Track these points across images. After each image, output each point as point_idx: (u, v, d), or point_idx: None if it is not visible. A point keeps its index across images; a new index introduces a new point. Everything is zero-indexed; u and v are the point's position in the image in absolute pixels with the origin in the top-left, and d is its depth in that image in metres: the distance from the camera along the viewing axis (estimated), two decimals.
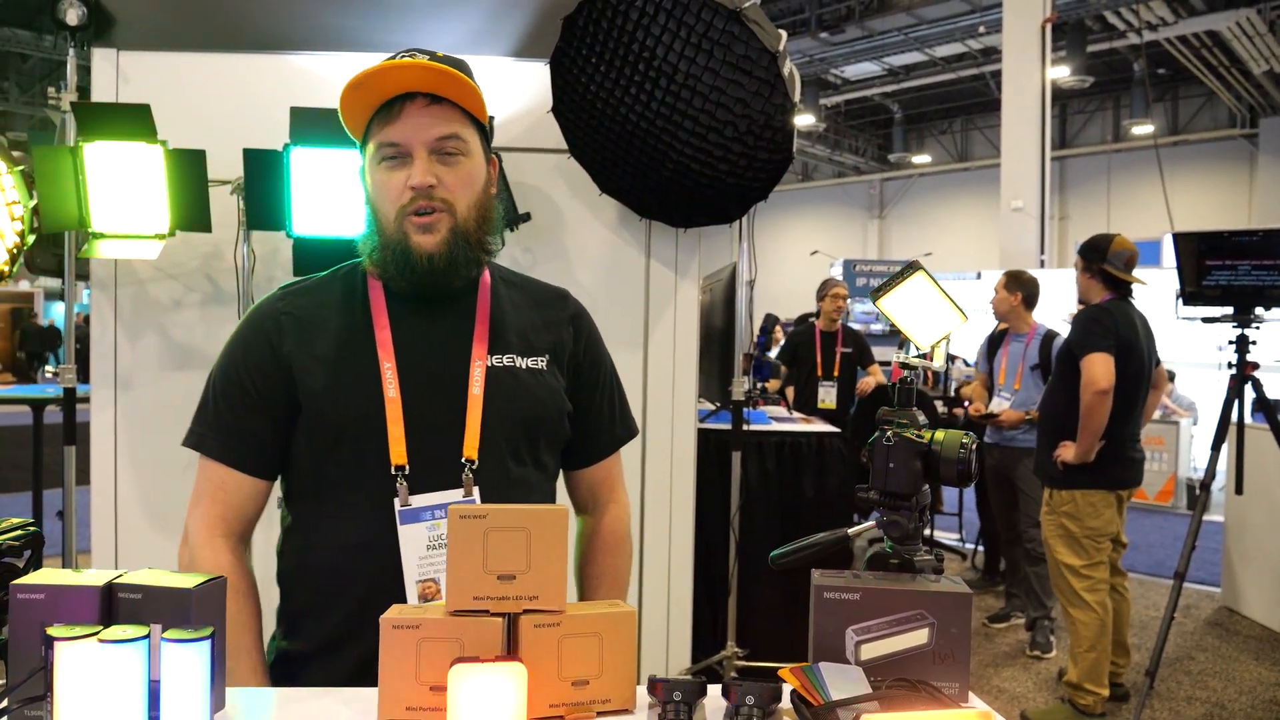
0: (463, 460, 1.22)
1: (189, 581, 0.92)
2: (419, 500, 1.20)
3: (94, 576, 0.93)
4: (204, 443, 1.27)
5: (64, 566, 3.15)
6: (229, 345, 1.29)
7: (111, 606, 0.93)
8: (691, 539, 3.27)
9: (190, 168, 2.74)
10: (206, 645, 0.85)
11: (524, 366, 1.30)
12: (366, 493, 1.21)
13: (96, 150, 2.69)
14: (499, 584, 0.95)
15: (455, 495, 1.22)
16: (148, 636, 0.85)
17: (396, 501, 1.20)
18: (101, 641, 0.82)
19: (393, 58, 1.22)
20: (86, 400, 3.19)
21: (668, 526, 3.25)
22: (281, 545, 1.33)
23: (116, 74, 3.06)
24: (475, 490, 1.22)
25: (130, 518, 3.13)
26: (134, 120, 2.69)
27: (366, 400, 1.21)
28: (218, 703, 0.95)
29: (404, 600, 1.19)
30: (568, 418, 1.35)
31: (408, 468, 1.20)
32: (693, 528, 3.26)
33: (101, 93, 3.05)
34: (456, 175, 1.23)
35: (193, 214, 2.77)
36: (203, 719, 0.85)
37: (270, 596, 1.36)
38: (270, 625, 1.35)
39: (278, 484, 1.34)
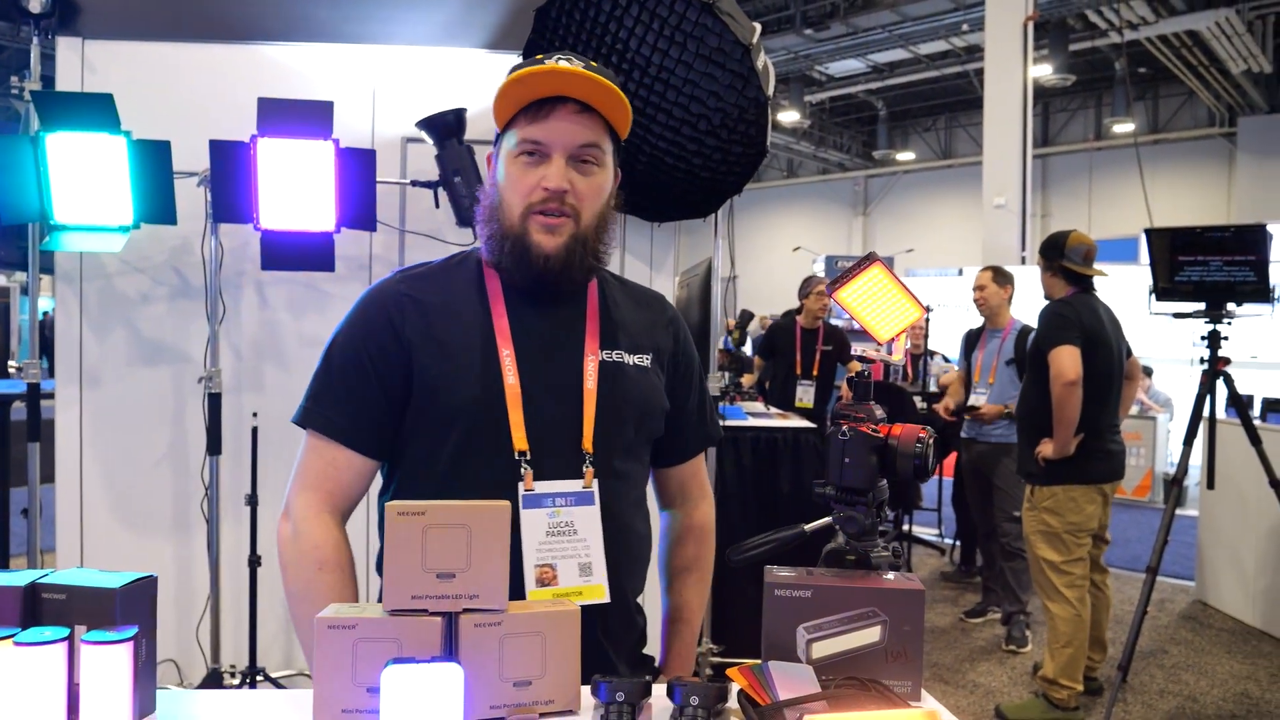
0: (582, 452, 1.24)
1: (114, 581, 0.90)
2: (542, 487, 1.22)
3: (16, 576, 0.90)
4: (318, 420, 1.25)
5: (29, 566, 3.12)
6: (348, 323, 1.28)
7: (36, 607, 0.90)
8: None
9: (154, 159, 2.70)
10: (128, 647, 0.82)
11: (631, 363, 1.32)
12: (486, 478, 1.21)
13: (58, 141, 2.65)
14: (438, 582, 0.93)
15: (577, 485, 1.24)
16: (68, 638, 0.82)
17: (521, 486, 1.21)
18: (17, 644, 0.79)
19: (554, 63, 1.22)
20: (51, 397, 3.14)
21: None
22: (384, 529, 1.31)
23: (81, 63, 3.01)
24: (595, 483, 1.24)
25: (96, 515, 3.09)
26: (97, 110, 2.64)
27: (487, 385, 1.22)
28: (145, 706, 0.92)
29: (521, 584, 1.19)
30: (668, 416, 1.38)
31: (529, 454, 1.22)
32: None
33: (66, 82, 3.00)
34: (589, 184, 1.25)
35: (157, 206, 2.73)
36: None
37: (372, 583, 1.31)
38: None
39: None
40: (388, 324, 1.25)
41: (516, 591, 1.18)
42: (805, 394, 5.41)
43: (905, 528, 5.72)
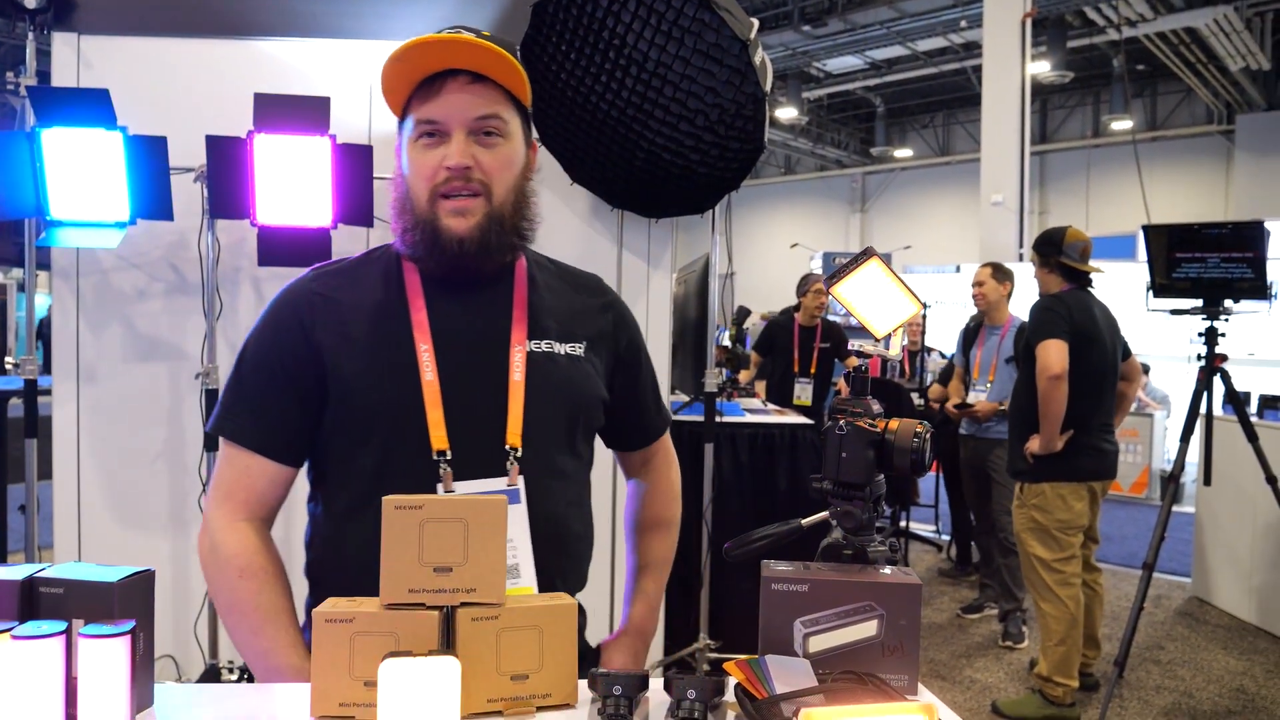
0: (506, 448, 1.19)
1: (112, 575, 0.90)
2: (463, 488, 1.17)
3: (14, 571, 0.90)
4: (230, 428, 1.21)
5: (27, 561, 3.10)
6: (258, 326, 1.24)
7: (33, 602, 0.90)
8: None
9: (151, 154, 2.69)
10: (125, 641, 0.82)
11: (562, 353, 1.27)
12: (404, 480, 1.15)
13: (54, 136, 2.64)
14: (435, 576, 0.93)
15: (500, 483, 1.18)
16: (65, 632, 0.82)
17: (440, 487, 1.17)
18: (14, 638, 0.79)
19: (438, 33, 1.17)
20: (49, 393, 3.13)
21: None
22: (310, 537, 1.28)
23: (77, 59, 3.00)
24: (520, 479, 1.19)
25: (94, 512, 3.08)
26: (93, 105, 2.63)
27: (403, 384, 1.17)
28: (143, 700, 0.92)
29: None
30: (611, 407, 1.35)
31: (450, 453, 1.17)
32: None
33: (62, 78, 2.99)
34: (494, 157, 1.19)
35: (154, 202, 2.72)
36: (123, 717, 0.83)
37: (298, 589, 1.30)
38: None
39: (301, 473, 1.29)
40: (298, 325, 1.20)
41: None
42: (803, 392, 5.41)
43: (902, 524, 5.73)
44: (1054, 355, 3.28)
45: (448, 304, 1.23)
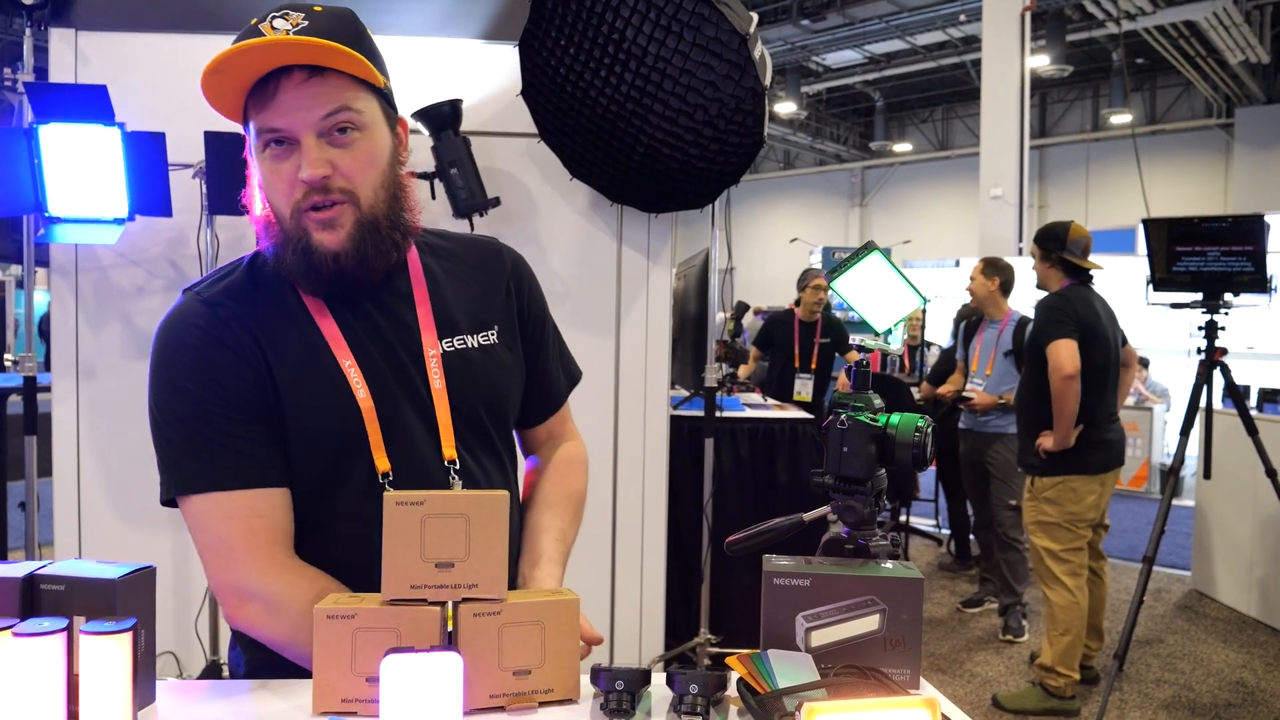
0: (446, 464, 1.13)
1: (113, 572, 0.89)
2: None
3: (14, 568, 0.90)
4: (200, 480, 1.06)
5: (27, 558, 3.10)
6: (170, 368, 1.08)
7: (34, 599, 0.90)
8: (664, 526, 3.25)
9: (149, 151, 2.68)
10: (127, 637, 0.82)
11: (475, 345, 1.20)
12: (350, 505, 1.09)
13: (52, 133, 2.64)
14: (437, 572, 0.93)
15: None
16: (67, 629, 0.82)
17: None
18: (16, 635, 0.79)
19: (260, 20, 1.04)
20: (48, 390, 3.13)
21: (640, 514, 3.24)
22: None
23: (75, 55, 2.99)
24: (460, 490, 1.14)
25: (94, 509, 3.08)
26: (91, 102, 2.63)
27: (341, 406, 1.09)
28: (145, 697, 0.92)
29: None
30: (522, 383, 1.29)
31: (391, 474, 1.09)
32: (666, 515, 3.25)
33: (59, 74, 2.98)
34: (354, 158, 1.06)
35: (152, 198, 2.71)
36: (125, 714, 0.83)
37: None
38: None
39: None
40: (228, 351, 1.07)
41: None
42: (804, 387, 5.41)
43: (903, 519, 5.74)
44: (1066, 355, 3.31)
45: (353, 314, 1.13)
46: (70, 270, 3.04)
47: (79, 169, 2.66)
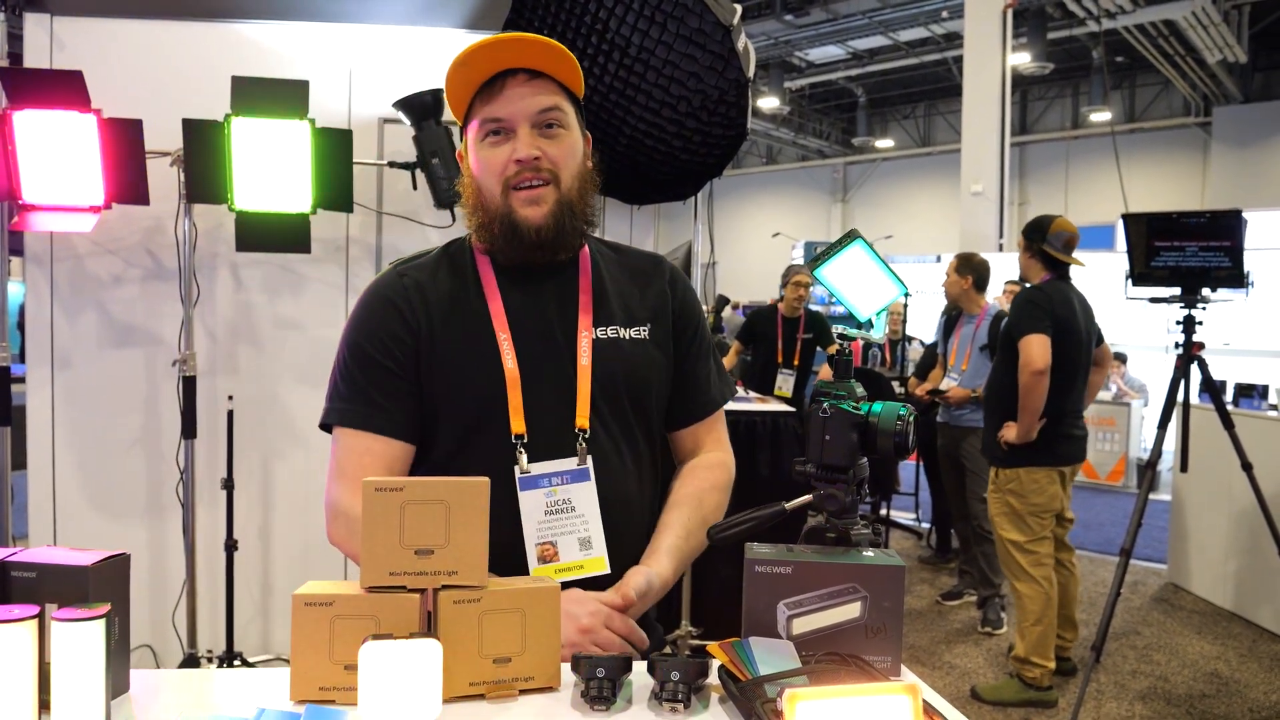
0: (576, 430, 1.25)
1: (86, 559, 0.88)
2: (537, 468, 1.23)
3: None
4: (344, 416, 1.25)
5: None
6: (354, 320, 1.28)
7: (5, 586, 0.88)
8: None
9: (126, 138, 2.65)
10: (100, 624, 0.80)
11: (627, 337, 1.32)
12: (486, 461, 1.20)
13: (26, 119, 2.60)
14: (417, 559, 0.92)
15: (571, 464, 1.24)
16: (38, 616, 0.80)
17: (517, 469, 1.22)
18: None
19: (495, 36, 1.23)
20: (23, 381, 3.09)
21: None
22: None
23: (50, 40, 2.95)
24: (589, 459, 1.25)
25: (69, 500, 3.05)
26: (66, 87, 2.59)
27: (488, 372, 1.23)
28: (119, 685, 0.91)
29: (525, 563, 1.22)
30: (670, 382, 1.38)
31: (526, 436, 1.23)
32: None
33: (34, 59, 2.94)
34: (559, 147, 1.24)
35: (129, 186, 2.68)
36: (99, 702, 0.81)
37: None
38: None
39: None
40: (394, 311, 1.26)
41: (521, 570, 1.20)
42: (785, 383, 5.42)
43: (883, 512, 5.76)
44: (1037, 350, 3.34)
45: (520, 293, 1.29)
46: (45, 259, 3.00)
47: (54, 156, 2.62)
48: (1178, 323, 3.47)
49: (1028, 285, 3.63)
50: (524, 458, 1.22)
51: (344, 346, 1.28)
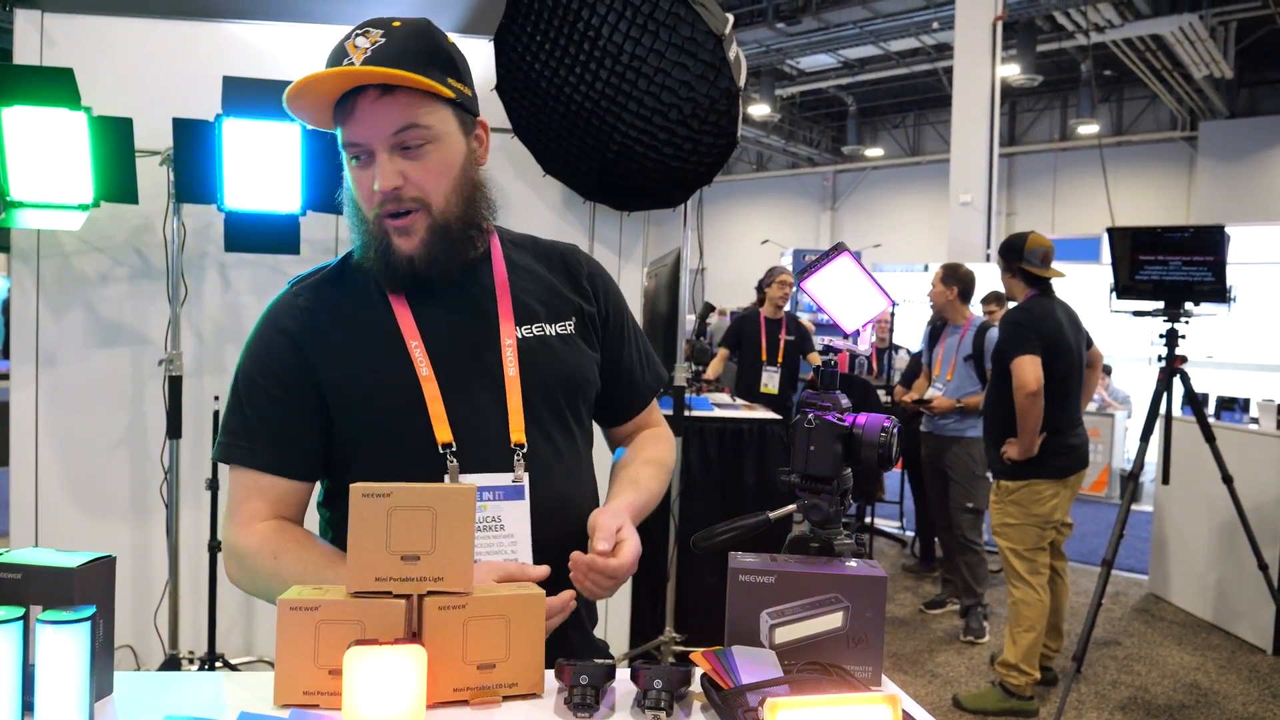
0: (513, 446, 1.19)
1: (71, 561, 0.88)
2: (469, 480, 1.15)
3: None
4: (232, 452, 1.18)
5: None
6: (248, 347, 1.22)
7: None
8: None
9: (115, 136, 2.64)
10: (86, 627, 0.80)
11: (553, 334, 1.27)
12: (413, 471, 1.12)
13: (16, 115, 2.59)
14: (402, 564, 0.93)
15: (507, 479, 1.18)
16: (22, 618, 0.80)
17: (446, 479, 1.15)
18: None
19: (346, 38, 1.14)
20: (6, 377, 3.07)
21: None
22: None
23: (40, 37, 2.94)
24: (525, 476, 1.19)
25: (52, 499, 3.03)
26: (56, 85, 2.58)
27: (400, 379, 1.17)
28: (102, 688, 0.91)
29: None
30: (601, 375, 1.33)
31: (455, 446, 1.16)
32: None
33: (24, 56, 2.93)
34: (424, 169, 1.14)
35: (118, 184, 2.67)
36: (82, 705, 0.81)
37: None
38: None
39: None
40: (289, 343, 1.18)
41: None
42: (770, 380, 5.46)
43: (867, 520, 5.79)
44: (1029, 373, 3.38)
45: (430, 303, 1.21)
46: (32, 256, 2.98)
47: (43, 153, 2.61)
48: (1161, 336, 3.51)
49: (1011, 304, 3.66)
50: (454, 469, 1.15)
51: (235, 377, 1.21)
